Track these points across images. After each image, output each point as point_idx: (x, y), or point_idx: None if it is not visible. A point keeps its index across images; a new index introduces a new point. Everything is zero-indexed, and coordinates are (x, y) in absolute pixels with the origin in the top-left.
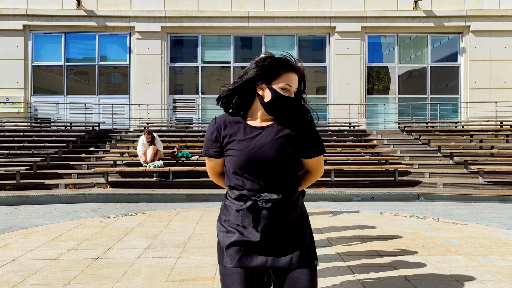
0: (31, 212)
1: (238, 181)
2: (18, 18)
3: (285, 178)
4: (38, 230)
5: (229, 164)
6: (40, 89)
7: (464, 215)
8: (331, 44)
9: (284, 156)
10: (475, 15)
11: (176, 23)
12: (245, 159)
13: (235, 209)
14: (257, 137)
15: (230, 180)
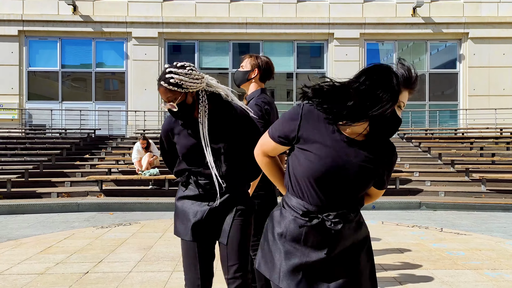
0: (21, 222)
1: (306, 191)
2: (13, 23)
3: (357, 199)
4: (26, 242)
5: (298, 167)
6: (35, 95)
7: (468, 224)
8: (329, 50)
9: (368, 181)
10: (474, 22)
11: (173, 29)
12: (324, 170)
13: (298, 223)
14: (346, 150)
15: (295, 187)
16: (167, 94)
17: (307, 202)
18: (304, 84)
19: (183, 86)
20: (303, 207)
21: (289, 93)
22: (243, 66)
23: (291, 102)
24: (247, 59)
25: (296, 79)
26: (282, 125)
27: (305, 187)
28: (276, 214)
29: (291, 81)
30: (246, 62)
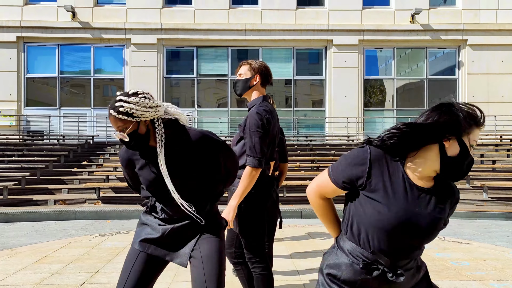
0: (17, 230)
1: (367, 241)
2: (11, 29)
3: (422, 249)
4: (22, 251)
5: (364, 217)
6: (33, 102)
7: (471, 233)
8: (328, 57)
9: (438, 231)
10: (472, 29)
11: (172, 36)
12: (396, 224)
13: (355, 271)
14: (417, 200)
15: (354, 232)
16: (117, 123)
17: (366, 249)
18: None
19: (134, 115)
20: (362, 255)
21: (288, 100)
22: (242, 74)
23: (290, 109)
24: (244, 66)
25: (295, 85)
26: (347, 169)
27: (368, 236)
28: (330, 257)
29: (290, 87)
30: (244, 70)
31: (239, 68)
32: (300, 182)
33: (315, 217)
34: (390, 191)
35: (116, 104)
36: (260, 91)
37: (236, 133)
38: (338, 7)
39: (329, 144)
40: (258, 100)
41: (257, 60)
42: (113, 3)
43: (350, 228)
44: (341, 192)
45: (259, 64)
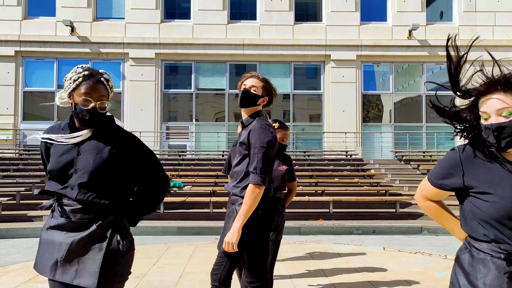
0: (10, 247)
1: (497, 234)
2: (10, 44)
3: None
4: (15, 269)
5: (481, 213)
6: (31, 115)
7: None
8: (326, 72)
9: None
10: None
11: (170, 50)
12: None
13: (498, 268)
14: None
15: (481, 231)
16: (102, 92)
17: (503, 242)
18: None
19: (110, 90)
20: (499, 249)
21: (286, 114)
22: (256, 88)
23: (288, 123)
24: (259, 81)
25: (293, 100)
26: (443, 173)
27: (496, 229)
28: (463, 259)
29: (288, 102)
30: (259, 85)
31: (252, 79)
32: (299, 198)
33: (313, 234)
34: (495, 180)
35: (104, 75)
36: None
37: (232, 151)
38: (335, 22)
39: (327, 159)
40: (255, 115)
41: (270, 80)
42: (112, 18)
43: (473, 229)
44: (445, 194)
45: (273, 87)
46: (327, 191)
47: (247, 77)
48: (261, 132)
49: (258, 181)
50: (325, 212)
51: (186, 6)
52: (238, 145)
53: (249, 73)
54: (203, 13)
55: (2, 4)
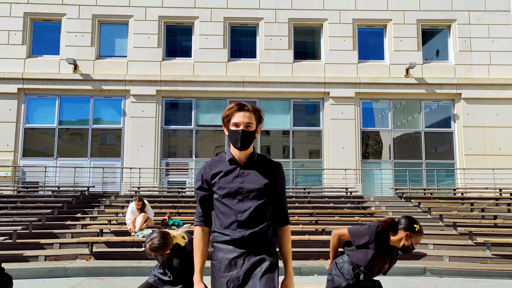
0: None
1: None
2: (13, 81)
3: None
4: None
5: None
6: (31, 152)
7: None
8: (325, 108)
9: None
10: (466, 83)
11: (171, 87)
12: None
13: None
14: None
15: None
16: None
17: None
18: None
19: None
20: None
21: (285, 150)
22: (251, 123)
23: (288, 160)
24: (249, 114)
25: (293, 135)
26: None
27: None
28: None
29: (288, 137)
30: (251, 118)
31: (243, 113)
32: (299, 237)
33: (314, 274)
34: None
35: None
36: None
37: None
38: (334, 61)
39: (327, 196)
40: (254, 151)
41: (256, 105)
42: (114, 56)
43: None
44: None
45: (261, 111)
46: (328, 230)
47: (233, 110)
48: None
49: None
50: (326, 251)
51: (187, 44)
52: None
53: (235, 104)
54: (204, 51)
55: (7, 43)
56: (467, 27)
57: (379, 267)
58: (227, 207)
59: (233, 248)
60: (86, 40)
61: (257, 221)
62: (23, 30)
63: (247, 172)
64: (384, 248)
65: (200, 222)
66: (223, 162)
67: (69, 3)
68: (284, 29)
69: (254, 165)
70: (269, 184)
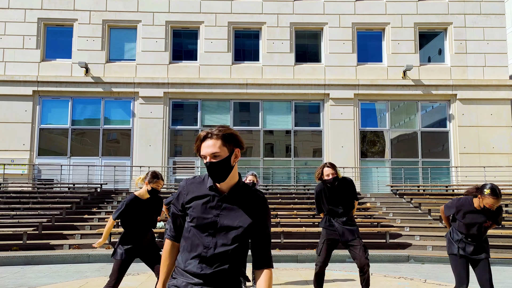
0: (37, 272)
1: None
2: (28, 84)
3: None
4: None
5: None
6: (45, 151)
7: (451, 277)
8: (325, 109)
9: None
10: (461, 84)
11: (178, 89)
12: None
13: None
14: None
15: None
16: None
17: None
18: None
19: None
20: None
21: (288, 149)
22: (218, 153)
23: (289, 158)
24: (215, 141)
25: (294, 135)
26: None
27: None
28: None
29: (289, 137)
30: (217, 146)
31: (207, 143)
32: (297, 229)
33: (309, 261)
34: None
35: None
36: None
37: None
38: (334, 63)
39: None
40: (239, 179)
41: (228, 128)
42: (124, 59)
43: None
44: None
45: (235, 133)
46: None
47: (199, 143)
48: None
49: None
50: None
51: (193, 48)
52: None
53: (200, 135)
54: (209, 55)
55: (22, 47)
56: (463, 30)
57: (479, 227)
58: (195, 237)
59: (191, 278)
60: (96, 45)
61: (224, 261)
62: (37, 35)
63: (226, 206)
64: (472, 212)
65: (171, 237)
66: (204, 186)
67: (80, 9)
68: (286, 33)
69: (236, 199)
70: (251, 224)
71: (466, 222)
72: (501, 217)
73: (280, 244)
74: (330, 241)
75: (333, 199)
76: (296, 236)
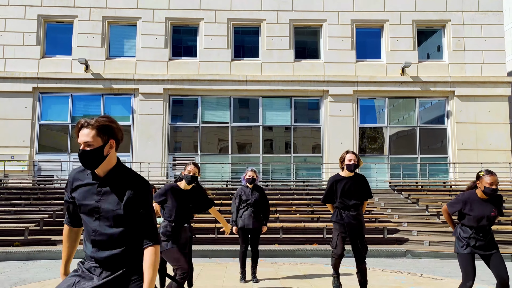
0: (39, 267)
1: None
2: (28, 80)
3: None
4: (49, 283)
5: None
6: (45, 147)
7: (447, 271)
8: (324, 106)
9: None
10: (459, 81)
11: (177, 86)
12: None
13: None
14: None
15: None
16: None
17: None
18: None
19: None
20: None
21: (287, 145)
22: (91, 142)
23: (289, 155)
24: (89, 130)
25: (294, 131)
26: None
27: None
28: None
29: (289, 133)
30: (90, 136)
31: (82, 131)
32: (295, 225)
33: (308, 256)
34: None
35: None
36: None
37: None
38: (333, 60)
39: (325, 189)
40: (118, 166)
41: (105, 117)
42: (124, 56)
43: None
44: None
45: (111, 124)
46: (322, 218)
47: (76, 131)
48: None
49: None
50: (319, 237)
51: (193, 44)
52: None
53: (82, 121)
54: (209, 51)
55: (22, 44)
56: (461, 27)
57: (488, 217)
58: (86, 223)
59: (92, 261)
60: (96, 41)
61: (114, 245)
62: (37, 31)
63: (105, 190)
64: (479, 202)
65: (67, 222)
66: (87, 173)
67: (80, 5)
68: (285, 30)
69: (113, 183)
70: (125, 205)
71: (475, 215)
72: (503, 206)
73: (279, 239)
74: (344, 233)
75: (347, 191)
76: (295, 231)
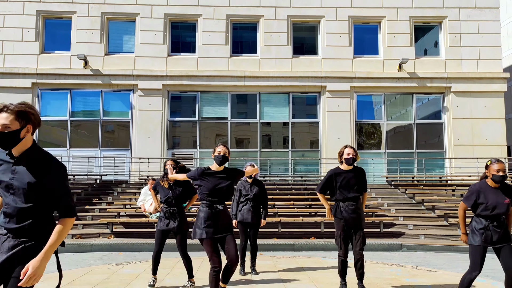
0: None
1: None
2: (27, 76)
3: None
4: (52, 276)
5: None
6: (44, 143)
7: (441, 264)
8: (322, 101)
9: None
10: (455, 77)
11: (176, 82)
12: None
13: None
14: None
15: None
16: None
17: None
18: None
19: None
20: None
21: (285, 140)
22: (9, 126)
23: (287, 150)
24: (8, 115)
25: (292, 127)
26: None
27: None
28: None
29: (287, 129)
30: (9, 119)
31: (1, 115)
32: (293, 219)
33: (306, 250)
34: None
35: None
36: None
37: None
38: (331, 56)
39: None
40: (33, 148)
41: (24, 104)
42: (123, 52)
43: None
44: None
45: (30, 110)
46: (320, 213)
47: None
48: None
49: None
50: (317, 231)
51: (191, 40)
52: None
53: (2, 105)
54: (207, 47)
55: (21, 39)
56: (458, 23)
57: (502, 205)
58: (2, 196)
59: (3, 230)
60: (95, 37)
61: (24, 217)
62: (35, 27)
63: (18, 169)
64: (490, 191)
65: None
66: (6, 153)
67: (79, 1)
68: (283, 26)
69: (26, 162)
70: (36, 183)
71: (489, 203)
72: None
73: (278, 233)
74: (345, 232)
75: (346, 184)
76: (293, 225)
